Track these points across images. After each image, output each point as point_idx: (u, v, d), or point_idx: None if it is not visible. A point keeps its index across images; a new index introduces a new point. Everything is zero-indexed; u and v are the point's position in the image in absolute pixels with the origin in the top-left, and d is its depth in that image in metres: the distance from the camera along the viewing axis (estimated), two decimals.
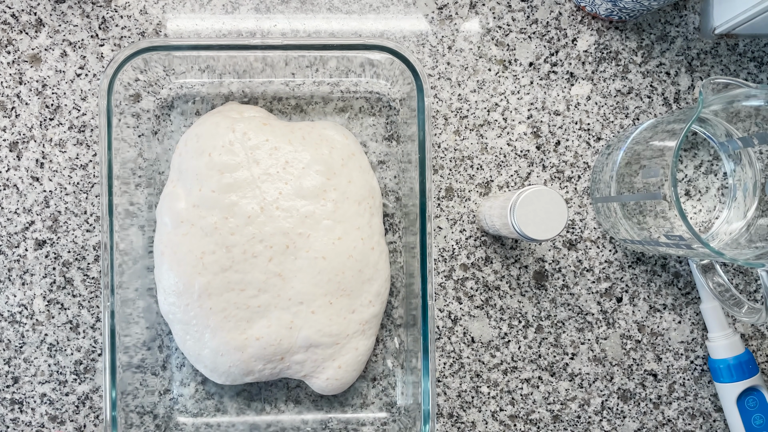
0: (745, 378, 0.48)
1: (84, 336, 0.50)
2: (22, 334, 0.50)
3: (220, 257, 0.45)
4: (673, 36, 0.52)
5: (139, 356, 0.47)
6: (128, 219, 0.46)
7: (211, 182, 0.45)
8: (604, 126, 0.52)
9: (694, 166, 0.51)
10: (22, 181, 0.50)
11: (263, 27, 0.51)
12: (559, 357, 0.51)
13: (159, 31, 0.50)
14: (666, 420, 0.52)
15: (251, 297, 0.46)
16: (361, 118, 0.51)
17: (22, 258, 0.50)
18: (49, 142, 0.50)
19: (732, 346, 0.49)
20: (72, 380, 0.50)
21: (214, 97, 0.50)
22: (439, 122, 0.51)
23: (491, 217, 0.47)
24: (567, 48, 0.51)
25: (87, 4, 0.50)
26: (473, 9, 0.51)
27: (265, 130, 0.47)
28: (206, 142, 0.46)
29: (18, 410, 0.50)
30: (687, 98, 0.52)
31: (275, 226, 0.45)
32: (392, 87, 0.50)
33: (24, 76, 0.50)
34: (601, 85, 0.52)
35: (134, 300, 0.47)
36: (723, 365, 0.49)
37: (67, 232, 0.50)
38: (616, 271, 0.52)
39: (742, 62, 0.52)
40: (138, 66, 0.45)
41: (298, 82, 0.50)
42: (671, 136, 0.41)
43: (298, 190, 0.46)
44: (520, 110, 0.51)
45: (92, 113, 0.50)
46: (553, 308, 0.51)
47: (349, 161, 0.48)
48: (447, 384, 0.51)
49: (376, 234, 0.48)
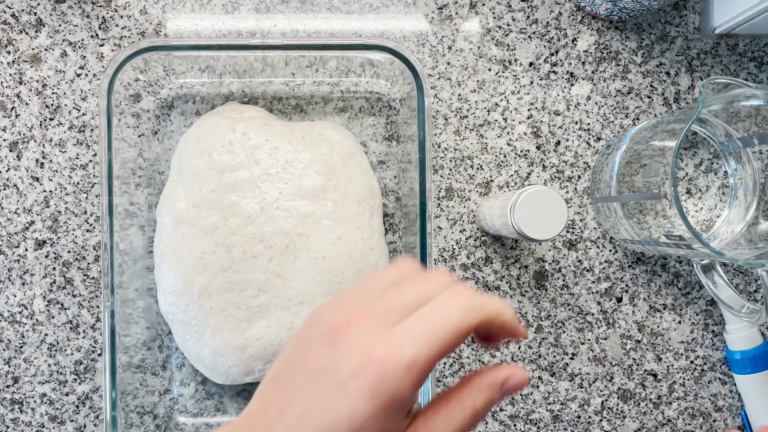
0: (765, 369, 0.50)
1: (84, 336, 0.50)
2: (22, 334, 0.50)
3: (220, 257, 0.45)
4: (673, 36, 0.52)
5: (139, 356, 0.47)
6: (128, 219, 0.46)
7: (211, 182, 0.45)
8: (604, 126, 0.52)
9: (695, 164, 0.51)
10: (22, 181, 0.50)
11: (263, 27, 0.51)
12: (559, 357, 0.51)
13: (159, 31, 0.50)
14: (666, 420, 0.52)
15: (251, 297, 0.46)
16: (361, 118, 0.51)
17: (22, 258, 0.50)
18: (49, 142, 0.50)
19: (751, 338, 0.49)
20: (72, 380, 0.50)
21: (214, 97, 0.50)
22: (439, 122, 0.51)
23: (491, 217, 0.47)
24: (567, 48, 0.51)
25: (87, 4, 0.50)
26: (473, 9, 0.51)
27: (265, 130, 0.47)
28: (206, 142, 0.46)
29: (18, 410, 0.50)
30: (687, 98, 0.52)
31: (275, 226, 0.45)
32: (392, 87, 0.50)
33: (24, 76, 0.50)
34: (601, 85, 0.52)
35: (134, 300, 0.47)
36: (742, 357, 0.50)
37: (67, 232, 0.50)
38: (616, 271, 0.52)
39: (742, 62, 0.52)
40: (138, 66, 0.45)
41: (298, 82, 0.50)
42: (671, 135, 0.41)
43: (298, 190, 0.46)
44: (520, 110, 0.51)
45: (92, 113, 0.50)
46: (553, 308, 0.51)
47: (349, 161, 0.48)
48: (447, 384, 0.51)
49: (376, 234, 0.48)
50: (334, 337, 0.27)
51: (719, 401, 0.52)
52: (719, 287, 0.48)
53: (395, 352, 0.25)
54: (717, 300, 0.48)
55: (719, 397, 0.52)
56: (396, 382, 0.25)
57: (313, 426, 0.26)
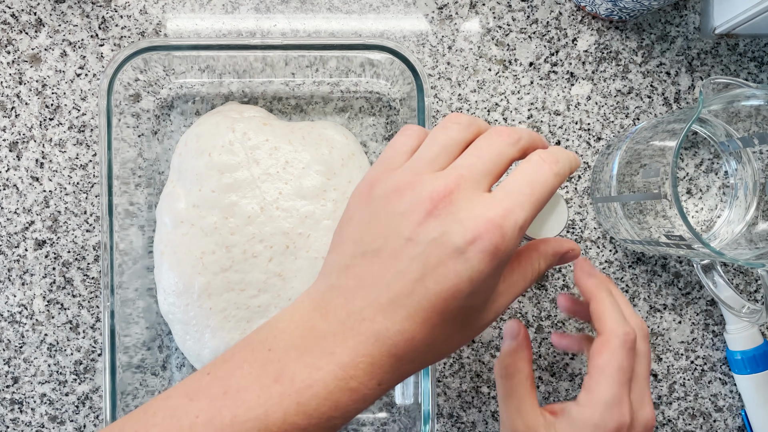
0: (765, 369, 0.49)
1: (84, 336, 0.50)
2: (22, 334, 0.50)
3: (220, 257, 0.45)
4: (673, 36, 0.52)
5: (139, 356, 0.47)
6: (128, 219, 0.46)
7: (211, 182, 0.45)
8: (604, 126, 0.52)
9: (695, 164, 0.51)
10: (22, 181, 0.50)
11: (263, 27, 0.51)
12: (559, 357, 0.51)
13: (159, 31, 0.50)
14: (666, 420, 0.52)
15: (251, 297, 0.46)
16: (361, 118, 0.51)
17: (22, 258, 0.50)
18: (49, 142, 0.50)
19: (751, 338, 0.49)
20: (72, 380, 0.50)
21: (214, 97, 0.50)
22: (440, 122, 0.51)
23: None
24: (567, 48, 0.51)
25: (87, 4, 0.50)
26: (473, 9, 0.51)
27: (265, 130, 0.47)
28: (206, 142, 0.46)
29: (18, 410, 0.50)
30: (687, 98, 0.52)
31: (275, 226, 0.45)
32: (392, 87, 0.50)
33: (24, 76, 0.50)
34: (602, 85, 0.52)
35: (134, 300, 0.47)
36: (743, 357, 0.50)
37: (67, 232, 0.50)
38: (616, 271, 0.51)
39: (742, 62, 0.52)
40: (138, 66, 0.45)
41: (298, 82, 0.50)
42: (671, 135, 0.41)
43: (298, 190, 0.46)
44: (521, 110, 0.51)
45: (92, 113, 0.50)
46: (553, 308, 0.51)
47: (349, 161, 0.48)
48: (447, 384, 0.51)
49: None
50: (437, 208, 0.29)
51: (719, 401, 0.52)
52: (719, 287, 0.48)
53: (510, 215, 0.28)
54: (717, 300, 0.48)
55: (719, 397, 0.52)
56: (512, 242, 0.28)
57: (434, 291, 0.28)
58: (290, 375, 0.28)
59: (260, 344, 0.30)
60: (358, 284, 0.29)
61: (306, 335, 0.29)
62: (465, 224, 0.28)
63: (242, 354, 0.30)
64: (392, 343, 0.28)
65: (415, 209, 0.29)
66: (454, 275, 0.28)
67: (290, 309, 0.31)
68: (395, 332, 0.28)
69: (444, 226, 0.28)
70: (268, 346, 0.29)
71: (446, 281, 0.28)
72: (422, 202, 0.29)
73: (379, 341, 0.28)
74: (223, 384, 0.29)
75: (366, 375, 0.28)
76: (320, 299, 0.30)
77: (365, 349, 0.28)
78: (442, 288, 0.28)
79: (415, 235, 0.28)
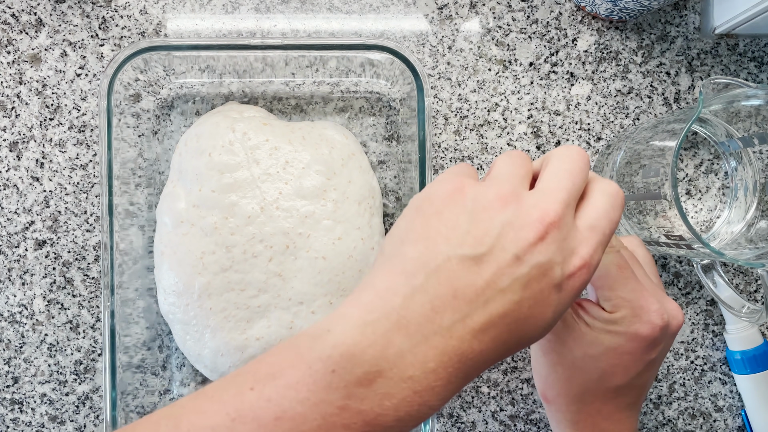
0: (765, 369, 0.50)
1: (84, 336, 0.50)
2: (22, 334, 0.50)
3: (220, 257, 0.45)
4: (673, 36, 0.52)
5: (139, 356, 0.47)
6: (128, 219, 0.46)
7: (211, 182, 0.45)
8: (604, 126, 0.52)
9: (695, 165, 0.51)
10: (22, 181, 0.50)
11: (263, 27, 0.51)
12: None
13: (159, 31, 0.50)
14: (666, 420, 0.52)
15: (251, 297, 0.46)
16: (361, 118, 0.51)
17: (22, 258, 0.50)
18: (49, 142, 0.50)
19: (751, 338, 0.49)
20: (72, 380, 0.50)
21: (214, 97, 0.50)
22: (439, 122, 0.51)
23: None
24: (567, 48, 0.51)
25: (87, 4, 0.50)
26: (473, 9, 0.51)
27: (265, 130, 0.47)
28: (206, 142, 0.46)
29: (18, 410, 0.50)
30: (687, 98, 0.52)
31: (275, 226, 0.45)
32: (392, 87, 0.50)
33: (24, 76, 0.50)
34: (601, 85, 0.52)
35: (134, 300, 0.47)
36: (742, 357, 0.50)
37: (67, 232, 0.50)
38: None
39: (742, 62, 0.52)
40: (138, 66, 0.45)
41: (298, 82, 0.50)
42: (671, 135, 0.41)
43: (298, 190, 0.46)
44: (520, 110, 0.51)
45: (92, 113, 0.50)
46: None
47: (349, 161, 0.48)
48: None
49: (376, 234, 0.48)
50: (548, 233, 0.28)
51: (719, 401, 0.52)
52: (719, 287, 0.48)
53: (595, 256, 0.29)
54: (717, 300, 0.48)
55: (719, 397, 0.52)
56: (588, 280, 0.29)
57: (525, 316, 0.27)
58: (357, 405, 0.25)
59: (320, 362, 0.25)
60: (450, 293, 0.26)
61: (379, 356, 0.25)
62: (566, 257, 0.28)
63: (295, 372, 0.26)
64: (472, 364, 0.27)
65: (524, 226, 0.27)
66: (548, 306, 0.27)
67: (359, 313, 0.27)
68: (478, 353, 0.27)
69: (550, 253, 0.27)
70: (332, 367, 0.25)
71: (540, 311, 0.27)
72: (533, 222, 0.27)
73: (460, 362, 0.26)
74: (272, 407, 0.25)
75: (437, 398, 0.26)
76: (401, 305, 0.26)
77: (445, 371, 0.26)
78: (534, 316, 0.27)
79: (523, 254, 0.27)
